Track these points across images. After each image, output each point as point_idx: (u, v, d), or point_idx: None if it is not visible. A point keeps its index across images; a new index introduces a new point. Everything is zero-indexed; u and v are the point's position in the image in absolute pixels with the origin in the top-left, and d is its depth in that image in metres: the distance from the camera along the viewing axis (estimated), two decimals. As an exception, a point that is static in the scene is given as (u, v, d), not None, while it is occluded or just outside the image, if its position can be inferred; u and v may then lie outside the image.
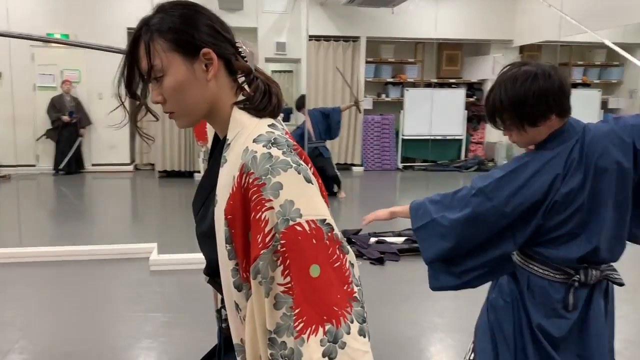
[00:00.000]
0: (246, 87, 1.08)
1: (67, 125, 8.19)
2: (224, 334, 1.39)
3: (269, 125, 1.02)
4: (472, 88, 9.79)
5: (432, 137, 8.84)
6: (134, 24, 1.05)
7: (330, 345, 0.89)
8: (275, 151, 0.95)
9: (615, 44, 10.05)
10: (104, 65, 8.41)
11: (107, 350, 2.90)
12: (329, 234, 0.93)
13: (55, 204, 7.08)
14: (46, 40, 7.07)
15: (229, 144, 1.02)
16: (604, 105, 9.64)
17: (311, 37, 8.38)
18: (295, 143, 1.01)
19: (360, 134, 9.11)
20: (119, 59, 1.09)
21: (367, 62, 9.12)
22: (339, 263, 0.93)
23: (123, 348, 2.93)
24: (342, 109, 7.25)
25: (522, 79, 1.53)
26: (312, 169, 1.01)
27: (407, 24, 8.76)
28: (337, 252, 0.93)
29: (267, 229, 0.92)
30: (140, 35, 1.02)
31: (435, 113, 8.68)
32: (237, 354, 1.05)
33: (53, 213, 6.44)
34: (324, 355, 0.88)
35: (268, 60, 8.60)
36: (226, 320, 1.36)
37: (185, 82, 1.01)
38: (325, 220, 0.94)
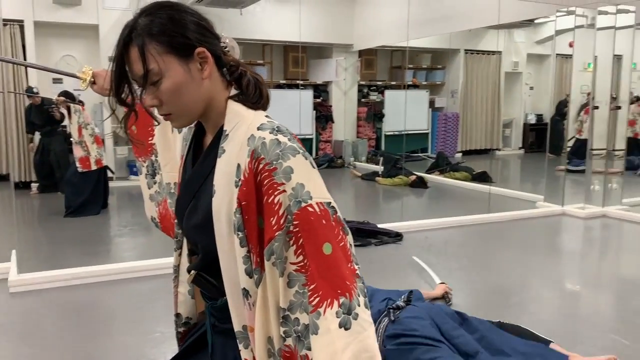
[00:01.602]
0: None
1: None
2: (179, 338, 1.37)
3: (265, 116, 1.06)
4: (318, 89, 10.27)
5: (283, 137, 9.09)
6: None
7: (345, 317, 0.95)
8: (282, 138, 1.00)
9: (441, 49, 11.32)
10: None
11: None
12: (334, 215, 1.00)
13: None
14: None
15: (227, 135, 1.05)
16: (431, 104, 10.79)
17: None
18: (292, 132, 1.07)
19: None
20: None
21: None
22: (343, 243, 1.00)
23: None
24: None
25: None
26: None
27: (254, 26, 8.88)
28: (341, 232, 1.00)
29: (280, 212, 0.96)
30: (130, 40, 1.00)
31: (286, 113, 8.95)
32: (238, 341, 1.08)
33: None
34: (340, 326, 0.94)
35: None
36: (185, 324, 1.34)
37: (183, 83, 1.02)
38: (330, 203, 1.01)
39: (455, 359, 2.35)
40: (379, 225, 5.04)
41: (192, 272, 1.15)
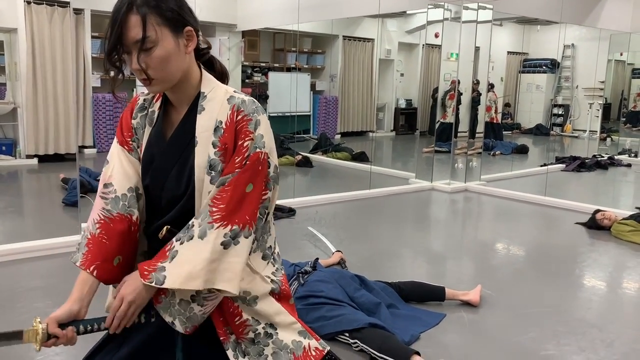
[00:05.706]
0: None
1: None
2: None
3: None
4: (201, 68, 10.17)
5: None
6: None
7: (229, 240, 1.21)
8: (255, 100, 1.27)
9: (321, 34, 11.69)
10: None
11: None
12: (269, 170, 1.26)
13: None
14: None
15: (205, 96, 1.26)
16: (313, 87, 11.19)
17: (29, 1, 7.55)
18: None
19: (91, 114, 8.61)
20: None
21: (92, 37, 8.60)
22: (264, 195, 1.27)
23: None
24: None
25: None
26: None
27: (134, 0, 8.55)
28: (264, 185, 1.26)
29: (246, 154, 1.22)
30: (132, 8, 1.14)
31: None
32: None
33: None
34: (221, 244, 1.20)
35: (-27, 28, 7.37)
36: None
37: (172, 54, 1.19)
38: (276, 165, 1.28)
39: (358, 315, 2.67)
40: (272, 201, 5.29)
41: (165, 228, 1.28)
